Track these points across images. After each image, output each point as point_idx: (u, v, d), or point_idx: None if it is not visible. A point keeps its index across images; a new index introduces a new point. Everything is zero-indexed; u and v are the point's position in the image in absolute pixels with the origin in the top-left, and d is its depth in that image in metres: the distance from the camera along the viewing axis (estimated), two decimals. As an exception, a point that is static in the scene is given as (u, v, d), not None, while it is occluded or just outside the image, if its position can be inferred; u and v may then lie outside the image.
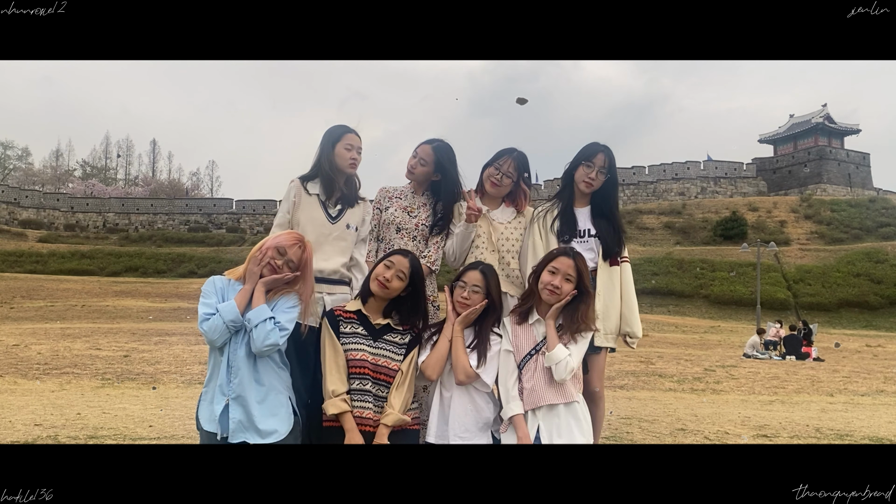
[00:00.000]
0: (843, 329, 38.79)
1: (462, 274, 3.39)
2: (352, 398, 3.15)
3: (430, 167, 3.76)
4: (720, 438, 6.08)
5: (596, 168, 3.66)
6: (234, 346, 3.03)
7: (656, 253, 55.10)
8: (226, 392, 2.99)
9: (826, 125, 73.15)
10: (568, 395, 3.18)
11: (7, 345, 14.95)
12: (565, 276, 3.23)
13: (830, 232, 59.12)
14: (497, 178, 3.72)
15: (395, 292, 3.25)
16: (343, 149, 3.58)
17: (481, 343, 3.30)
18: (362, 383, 3.18)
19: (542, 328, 3.26)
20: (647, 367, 14.23)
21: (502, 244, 3.74)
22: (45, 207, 73.24)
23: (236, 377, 2.99)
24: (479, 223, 3.72)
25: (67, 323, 24.95)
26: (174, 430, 5.68)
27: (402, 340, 3.27)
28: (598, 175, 3.66)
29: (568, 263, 3.25)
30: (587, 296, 3.28)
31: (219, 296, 3.07)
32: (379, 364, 3.21)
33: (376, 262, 3.37)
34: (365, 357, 3.19)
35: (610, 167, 3.70)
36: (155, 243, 66.13)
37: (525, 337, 3.28)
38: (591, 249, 3.63)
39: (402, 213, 3.75)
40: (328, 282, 3.54)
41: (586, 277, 3.29)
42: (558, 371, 3.12)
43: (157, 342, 16.29)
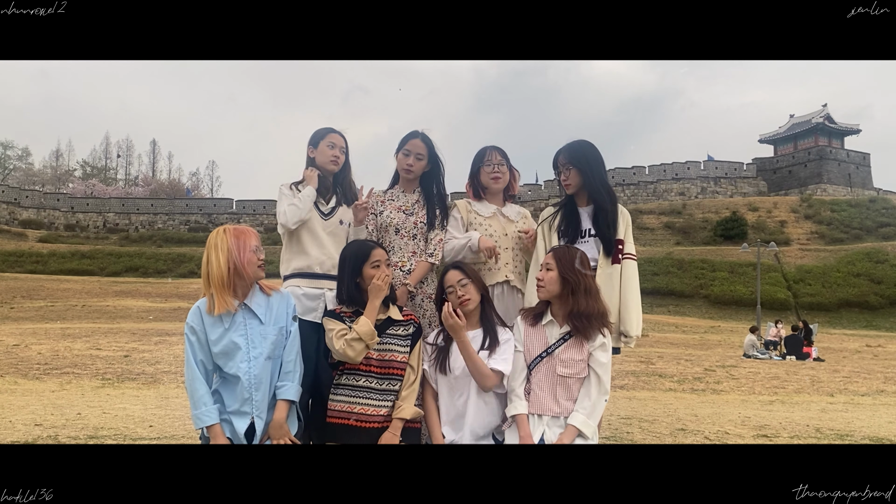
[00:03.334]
0: (844, 329, 38.80)
1: (442, 281, 3.40)
2: (355, 394, 3.16)
3: (425, 160, 3.77)
4: (720, 438, 6.08)
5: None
6: (250, 362, 3.01)
7: (656, 253, 55.09)
8: (249, 410, 2.99)
9: (826, 125, 73.18)
10: None
11: (7, 345, 14.95)
12: (546, 266, 3.24)
13: (830, 232, 59.15)
14: (496, 171, 3.75)
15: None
16: (325, 146, 3.68)
17: (492, 335, 3.31)
18: (367, 381, 3.18)
19: (554, 330, 3.22)
20: (647, 367, 14.23)
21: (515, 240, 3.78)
22: (45, 207, 73.28)
23: (258, 393, 3.00)
24: (490, 223, 3.74)
25: (68, 323, 24.95)
26: (174, 430, 5.68)
27: (405, 332, 3.27)
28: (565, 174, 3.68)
29: (546, 256, 3.29)
30: (580, 285, 3.18)
31: (204, 333, 3.01)
32: (385, 359, 3.21)
33: (355, 267, 3.32)
34: (370, 354, 3.19)
35: (572, 160, 3.65)
36: (155, 243, 66.17)
37: (537, 338, 3.25)
38: (592, 248, 3.62)
39: (398, 214, 3.72)
40: (329, 277, 3.55)
41: (568, 265, 3.21)
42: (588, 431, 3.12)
43: (158, 342, 16.29)
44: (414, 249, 3.67)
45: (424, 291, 3.65)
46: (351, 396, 3.17)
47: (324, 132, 3.73)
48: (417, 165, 3.74)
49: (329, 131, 3.74)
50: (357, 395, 3.16)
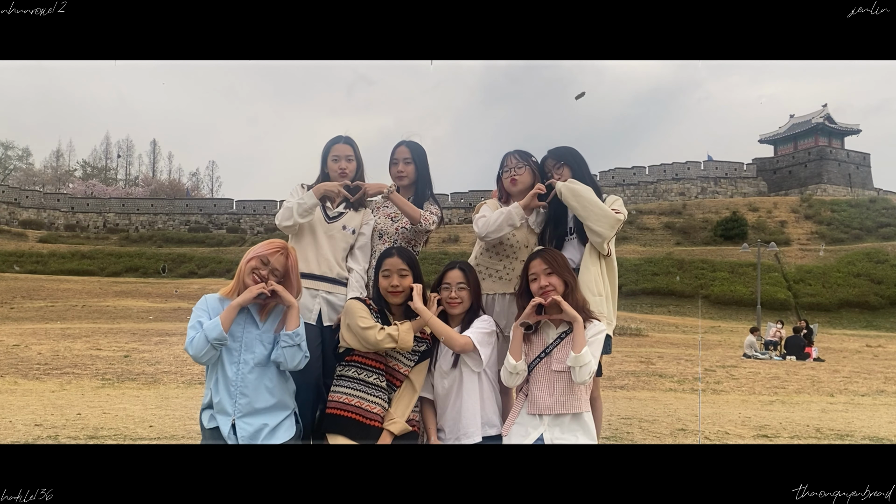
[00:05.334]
0: (844, 329, 38.78)
1: (443, 276, 3.41)
2: (362, 389, 3.16)
3: (413, 163, 3.80)
4: (720, 438, 6.08)
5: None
6: (239, 364, 3.04)
7: (656, 253, 55.10)
8: (231, 411, 3.00)
9: (826, 125, 73.16)
10: (577, 406, 3.16)
11: (7, 345, 14.95)
12: (544, 272, 3.25)
13: (831, 232, 59.12)
14: (513, 175, 3.74)
15: (408, 291, 3.26)
16: (331, 161, 3.75)
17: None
18: (378, 378, 3.19)
19: (550, 331, 3.26)
20: (647, 367, 14.23)
21: None
22: (45, 208, 73.27)
23: (244, 397, 3.01)
24: (515, 233, 3.70)
25: (68, 323, 24.95)
26: (174, 430, 5.68)
27: (416, 348, 3.29)
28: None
29: (536, 262, 3.30)
30: (571, 283, 3.29)
31: (209, 315, 3.08)
32: (390, 366, 3.23)
33: (374, 278, 3.38)
34: (379, 356, 3.22)
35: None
36: (155, 243, 66.16)
37: (535, 341, 3.28)
38: (575, 247, 3.65)
39: (385, 220, 3.77)
40: (329, 280, 3.56)
41: (562, 265, 3.30)
42: (581, 374, 3.08)
43: (158, 342, 16.29)
44: None
45: None
46: (352, 389, 3.18)
47: (329, 145, 3.78)
48: (407, 169, 3.79)
49: (333, 143, 3.77)
50: (360, 388, 3.17)
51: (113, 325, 24.08)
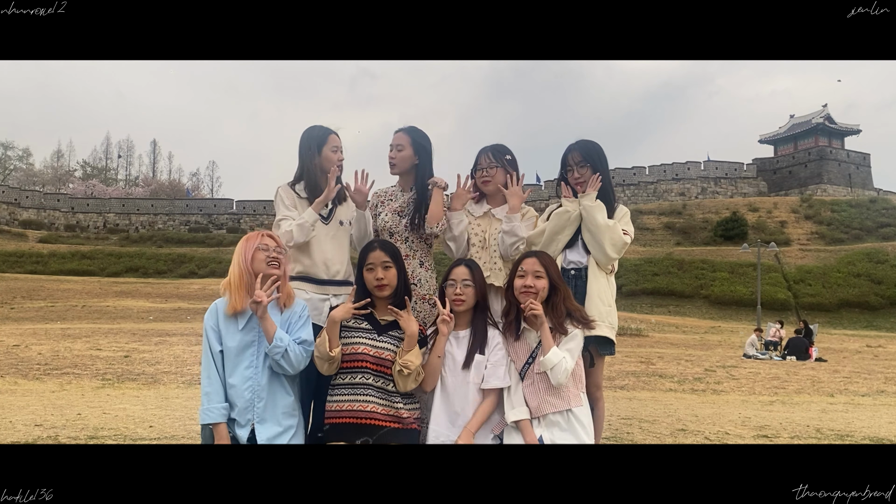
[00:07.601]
0: (844, 329, 38.78)
1: (449, 272, 3.40)
2: (354, 392, 3.15)
3: (407, 150, 3.76)
4: (720, 439, 6.08)
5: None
6: (254, 370, 3.05)
7: (656, 253, 55.11)
8: (249, 417, 3.03)
9: (826, 125, 73.17)
10: (569, 401, 3.17)
11: (7, 345, 14.95)
12: (534, 273, 3.25)
13: (831, 232, 59.13)
14: (484, 175, 3.77)
15: (393, 284, 3.23)
16: (329, 151, 3.63)
17: (479, 335, 3.31)
18: (364, 377, 3.17)
19: (532, 336, 3.27)
20: (647, 367, 14.23)
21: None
22: (45, 208, 73.27)
23: (261, 401, 3.03)
24: (479, 222, 3.79)
25: (68, 323, 24.95)
26: (174, 431, 5.68)
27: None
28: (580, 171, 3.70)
29: (532, 262, 3.29)
30: (561, 289, 3.29)
31: (218, 330, 3.09)
32: (382, 357, 3.19)
33: (357, 273, 3.33)
34: (366, 350, 3.18)
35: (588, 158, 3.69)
36: (155, 244, 66.17)
37: (520, 347, 3.30)
38: (579, 252, 3.66)
39: (393, 217, 3.75)
40: (334, 283, 3.56)
41: (554, 271, 3.31)
42: (555, 375, 3.10)
43: (158, 342, 16.29)
44: (406, 252, 3.66)
45: (418, 293, 3.66)
46: (349, 395, 3.17)
47: (324, 135, 3.64)
48: (399, 156, 3.75)
49: (329, 132, 3.66)
50: (355, 392, 3.16)
51: (113, 325, 24.09)
